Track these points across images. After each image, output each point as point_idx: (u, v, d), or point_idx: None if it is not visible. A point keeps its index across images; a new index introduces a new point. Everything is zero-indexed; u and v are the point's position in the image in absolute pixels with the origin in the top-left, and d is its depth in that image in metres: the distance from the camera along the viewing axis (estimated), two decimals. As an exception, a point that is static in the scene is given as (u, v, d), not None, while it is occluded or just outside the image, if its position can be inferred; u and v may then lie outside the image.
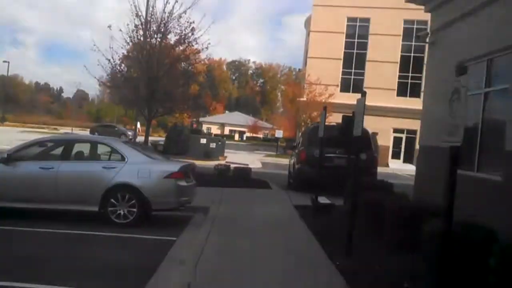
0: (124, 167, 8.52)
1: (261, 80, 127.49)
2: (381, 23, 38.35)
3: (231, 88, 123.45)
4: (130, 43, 14.84)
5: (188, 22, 14.95)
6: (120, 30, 14.72)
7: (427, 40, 10.44)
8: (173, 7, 14.98)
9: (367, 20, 39.45)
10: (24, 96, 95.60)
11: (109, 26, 14.75)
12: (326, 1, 39.73)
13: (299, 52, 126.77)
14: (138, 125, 22.73)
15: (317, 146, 12.72)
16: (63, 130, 54.53)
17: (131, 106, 17.87)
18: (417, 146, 37.41)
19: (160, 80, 14.95)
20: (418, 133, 36.33)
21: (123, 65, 15.33)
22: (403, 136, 39.33)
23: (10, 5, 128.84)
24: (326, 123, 14.87)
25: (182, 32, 15.01)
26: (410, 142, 38.60)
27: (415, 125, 36.79)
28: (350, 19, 39.99)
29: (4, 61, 66.20)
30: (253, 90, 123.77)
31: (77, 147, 9.23)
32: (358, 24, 40.03)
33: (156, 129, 69.64)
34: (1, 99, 70.14)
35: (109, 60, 14.80)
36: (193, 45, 15.20)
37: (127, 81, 15.22)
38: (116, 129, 49.80)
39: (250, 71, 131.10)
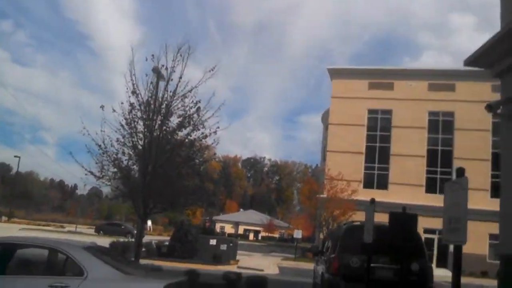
0: (81, 285, 5.71)
1: (277, 178, 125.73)
2: (404, 115, 36.74)
3: (246, 185, 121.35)
4: (126, 126, 12.51)
5: (193, 102, 12.72)
6: (114, 110, 12.50)
7: (499, 111, 7.92)
8: (177, 85, 12.85)
9: (389, 112, 37.85)
10: (36, 192, 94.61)
11: (102, 107, 12.57)
12: (345, 93, 38.62)
13: (314, 150, 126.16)
14: (149, 223, 20.01)
15: (353, 252, 9.77)
16: (69, 227, 52.10)
17: (125, 200, 15.25)
18: (451, 249, 33.97)
19: (158, 169, 12.45)
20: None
21: (118, 151, 12.86)
22: (435, 237, 35.64)
23: (33, 104, 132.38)
24: (358, 224, 11.78)
25: (186, 113, 12.71)
26: (443, 243, 35.06)
27: (447, 224, 33.56)
28: (371, 111, 38.44)
29: (15, 156, 64.83)
30: (269, 187, 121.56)
31: (22, 254, 6.48)
32: (379, 116, 38.32)
33: (168, 228, 66.26)
34: (7, 194, 68.69)
35: (99, 145, 12.47)
36: (199, 128, 12.80)
37: (118, 169, 12.70)
38: (122, 227, 47.20)
39: (266, 169, 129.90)
